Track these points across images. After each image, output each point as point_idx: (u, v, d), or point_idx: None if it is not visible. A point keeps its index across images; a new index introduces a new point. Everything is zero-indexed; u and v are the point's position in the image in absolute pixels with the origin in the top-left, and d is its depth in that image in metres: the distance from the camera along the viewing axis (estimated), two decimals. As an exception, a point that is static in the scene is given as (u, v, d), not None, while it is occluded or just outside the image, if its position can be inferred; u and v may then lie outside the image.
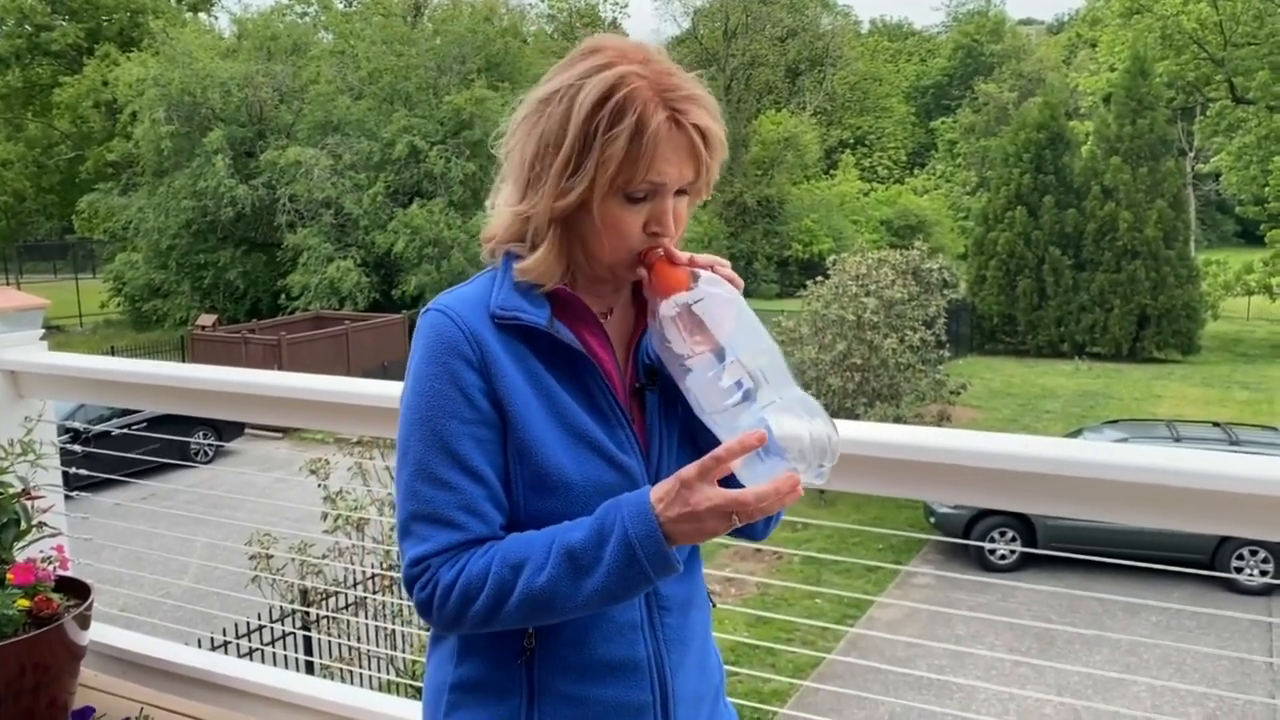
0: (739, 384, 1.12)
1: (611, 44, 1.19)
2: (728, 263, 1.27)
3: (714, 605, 1.41)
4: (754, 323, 1.19)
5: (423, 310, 1.24)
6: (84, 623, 2.10)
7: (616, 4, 42.94)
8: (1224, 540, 10.57)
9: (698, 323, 1.16)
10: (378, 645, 7.03)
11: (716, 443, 1.14)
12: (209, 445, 15.87)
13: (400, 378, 1.35)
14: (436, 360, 1.18)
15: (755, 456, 1.08)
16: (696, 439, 1.27)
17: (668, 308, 1.18)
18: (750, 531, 1.33)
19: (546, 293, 1.22)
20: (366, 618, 7.07)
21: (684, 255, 1.22)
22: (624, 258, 1.21)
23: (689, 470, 1.09)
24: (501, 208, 1.25)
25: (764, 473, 1.08)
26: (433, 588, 1.16)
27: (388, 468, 7.32)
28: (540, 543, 1.15)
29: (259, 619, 6.91)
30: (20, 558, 2.10)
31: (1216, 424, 13.25)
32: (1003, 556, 11.44)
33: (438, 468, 1.17)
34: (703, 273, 1.22)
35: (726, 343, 1.15)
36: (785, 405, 1.10)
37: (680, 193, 1.21)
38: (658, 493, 1.11)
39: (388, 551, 6.88)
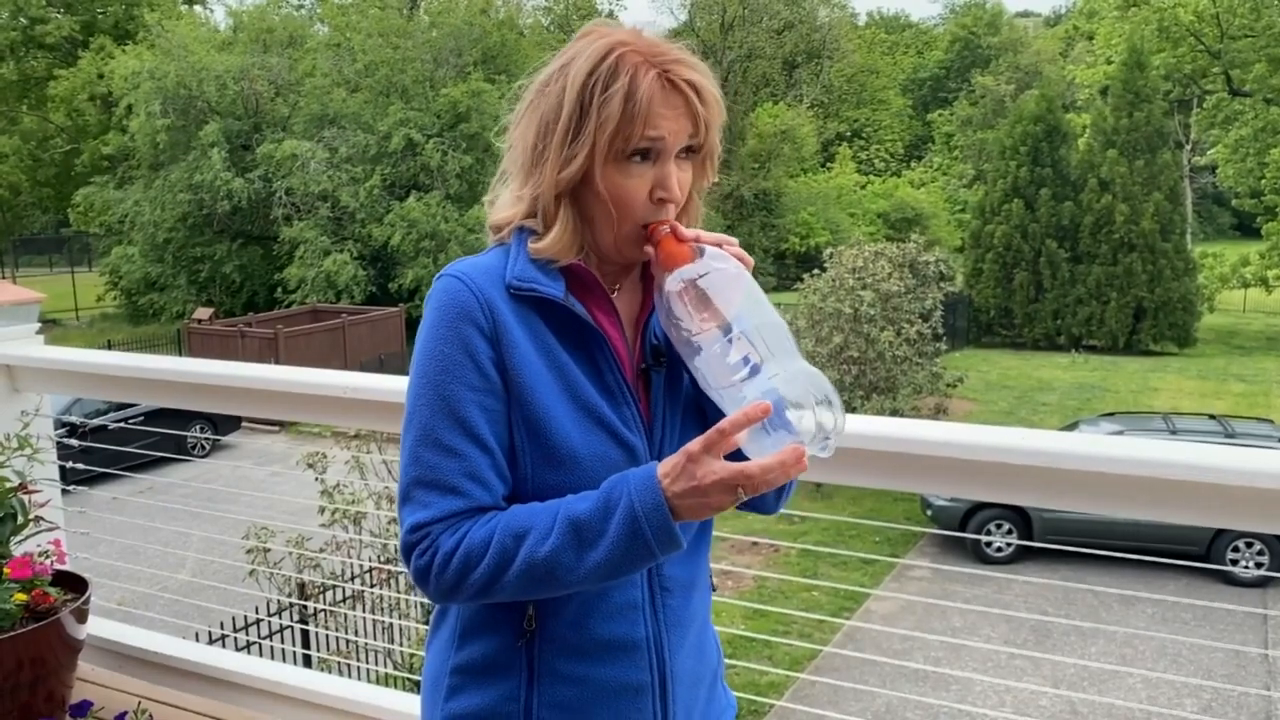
0: (746, 359, 1.12)
1: (603, 26, 1.23)
2: (735, 241, 1.26)
3: (714, 589, 1.41)
4: (760, 297, 1.18)
5: (437, 275, 1.24)
6: (81, 617, 2.10)
7: (613, -4, 42.83)
8: (1219, 533, 10.60)
9: (704, 298, 1.16)
10: (375, 638, 7.04)
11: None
12: (206, 439, 15.86)
13: (398, 371, 1.35)
14: (449, 325, 1.18)
15: (761, 430, 1.07)
16: (705, 418, 1.27)
17: (673, 282, 1.18)
18: (762, 504, 1.33)
19: (561, 268, 1.23)
20: (364, 611, 7.07)
21: (691, 232, 1.22)
22: (630, 231, 1.21)
23: (694, 444, 1.09)
24: (506, 196, 1.26)
25: (770, 445, 1.07)
26: (432, 554, 1.15)
27: (385, 461, 7.32)
28: (545, 513, 1.15)
29: (256, 613, 6.92)
30: (17, 552, 2.10)
31: (1212, 416, 13.28)
32: (999, 549, 11.46)
33: (444, 434, 1.17)
34: (708, 248, 1.21)
35: (733, 318, 1.14)
36: (790, 378, 1.10)
37: (682, 158, 1.21)
38: (664, 467, 1.11)
39: (385, 545, 6.89)
